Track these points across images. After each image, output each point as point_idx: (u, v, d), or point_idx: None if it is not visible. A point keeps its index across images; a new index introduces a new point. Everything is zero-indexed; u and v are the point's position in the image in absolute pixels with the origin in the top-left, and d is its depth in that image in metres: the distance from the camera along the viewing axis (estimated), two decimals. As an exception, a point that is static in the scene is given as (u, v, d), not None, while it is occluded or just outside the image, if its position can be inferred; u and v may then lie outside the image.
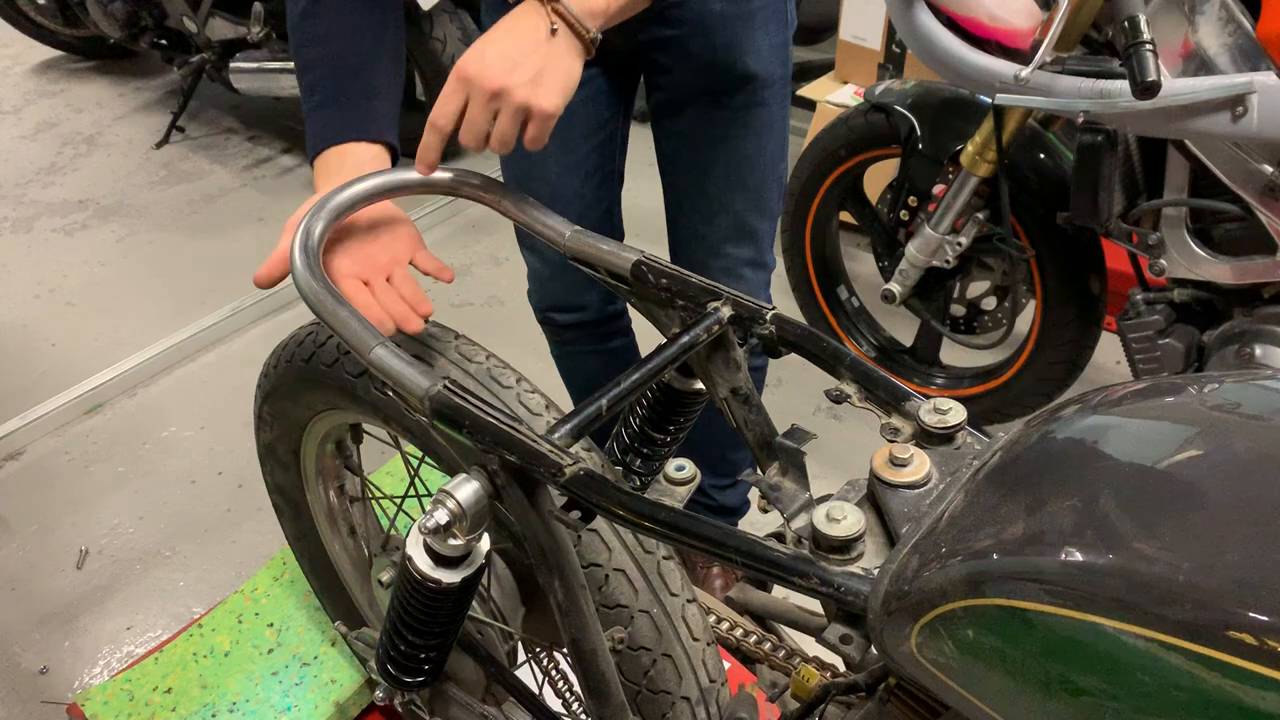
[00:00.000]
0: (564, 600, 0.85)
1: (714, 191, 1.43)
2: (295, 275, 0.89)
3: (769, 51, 1.35)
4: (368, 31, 1.07)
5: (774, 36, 1.35)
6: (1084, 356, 1.97)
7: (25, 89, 4.13)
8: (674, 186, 1.49)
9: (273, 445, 1.30)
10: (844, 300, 2.38)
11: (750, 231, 1.48)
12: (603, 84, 1.41)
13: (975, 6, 1.56)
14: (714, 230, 1.47)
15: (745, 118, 1.38)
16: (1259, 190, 1.49)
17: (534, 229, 1.00)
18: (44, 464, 2.31)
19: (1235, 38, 1.40)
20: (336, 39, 1.06)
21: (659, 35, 1.32)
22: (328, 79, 1.05)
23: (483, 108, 0.93)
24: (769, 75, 1.36)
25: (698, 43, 1.32)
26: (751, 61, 1.34)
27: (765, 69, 1.35)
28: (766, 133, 1.40)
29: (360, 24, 1.06)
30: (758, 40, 1.33)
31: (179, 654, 1.66)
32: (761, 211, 1.47)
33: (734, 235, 1.47)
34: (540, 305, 1.61)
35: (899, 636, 0.58)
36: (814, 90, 2.97)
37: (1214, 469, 0.52)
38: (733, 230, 1.47)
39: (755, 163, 1.42)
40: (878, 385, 0.78)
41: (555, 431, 0.78)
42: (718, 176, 1.42)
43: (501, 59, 0.93)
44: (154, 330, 2.64)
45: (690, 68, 1.35)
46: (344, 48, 1.06)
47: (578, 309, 1.58)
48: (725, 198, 1.44)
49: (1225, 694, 0.44)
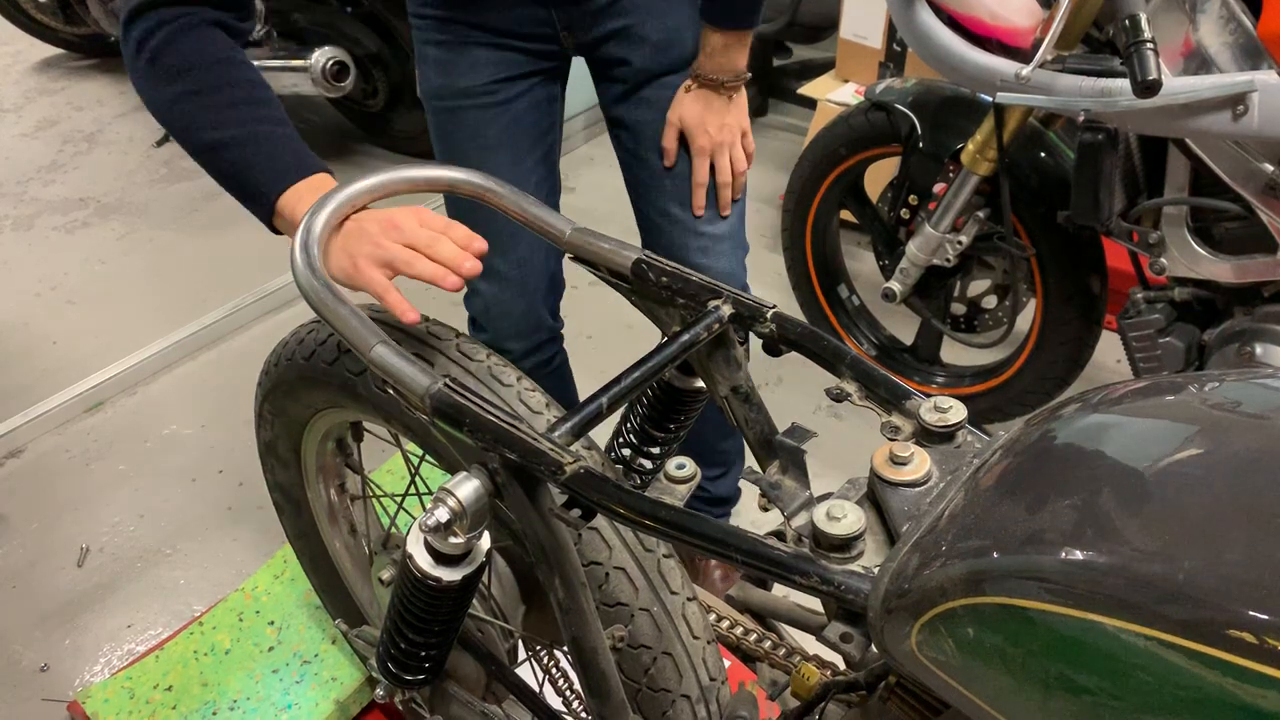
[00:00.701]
0: (564, 598, 0.85)
1: (682, 169, 1.46)
2: (295, 273, 0.89)
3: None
4: (245, 65, 1.04)
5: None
6: (1084, 355, 1.97)
7: (26, 87, 4.13)
8: (640, 174, 1.50)
9: (273, 443, 1.30)
10: (844, 299, 2.38)
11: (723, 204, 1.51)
12: (541, 92, 1.44)
13: (976, 5, 1.55)
14: (689, 210, 1.49)
15: None
16: (1260, 189, 1.49)
17: (534, 226, 0.99)
18: (45, 462, 2.31)
19: (1236, 36, 1.40)
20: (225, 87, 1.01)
21: (612, 28, 1.37)
22: (254, 120, 1.01)
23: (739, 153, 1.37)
24: None
25: (650, 26, 1.37)
26: (694, 37, 1.38)
27: None
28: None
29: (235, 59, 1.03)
30: (694, 16, 1.37)
31: (180, 652, 1.66)
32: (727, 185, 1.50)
33: (709, 211, 1.50)
34: (502, 334, 1.55)
35: (899, 635, 0.58)
36: (814, 89, 2.97)
37: (1214, 467, 0.52)
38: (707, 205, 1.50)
39: None
40: (878, 384, 0.78)
41: (556, 430, 0.78)
42: (685, 154, 1.45)
43: (735, 124, 1.38)
44: (155, 328, 2.64)
45: (646, 53, 1.39)
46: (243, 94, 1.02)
47: (534, 331, 1.56)
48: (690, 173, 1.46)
49: (1226, 692, 0.44)
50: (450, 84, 1.40)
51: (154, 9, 0.99)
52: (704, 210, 1.46)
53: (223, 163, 1.01)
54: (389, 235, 0.92)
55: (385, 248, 0.91)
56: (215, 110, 0.99)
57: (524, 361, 1.57)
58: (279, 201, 0.99)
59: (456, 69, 1.38)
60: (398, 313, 0.89)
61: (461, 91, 1.39)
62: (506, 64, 1.39)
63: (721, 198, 1.46)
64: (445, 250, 0.91)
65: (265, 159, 0.99)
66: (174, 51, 0.99)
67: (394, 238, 0.91)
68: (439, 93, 1.41)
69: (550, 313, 1.59)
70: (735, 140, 1.42)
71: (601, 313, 2.25)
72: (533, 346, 1.57)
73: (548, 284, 1.54)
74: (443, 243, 0.91)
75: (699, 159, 1.42)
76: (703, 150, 1.41)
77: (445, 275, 0.90)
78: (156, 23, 0.99)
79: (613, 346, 2.48)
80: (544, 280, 1.53)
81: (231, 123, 0.99)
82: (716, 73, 1.36)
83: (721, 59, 1.35)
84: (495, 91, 1.39)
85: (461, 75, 1.38)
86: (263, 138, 1.00)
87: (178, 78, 1.00)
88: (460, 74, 1.38)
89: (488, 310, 1.53)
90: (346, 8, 3.18)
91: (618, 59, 1.40)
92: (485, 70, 1.38)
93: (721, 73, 1.36)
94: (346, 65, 3.11)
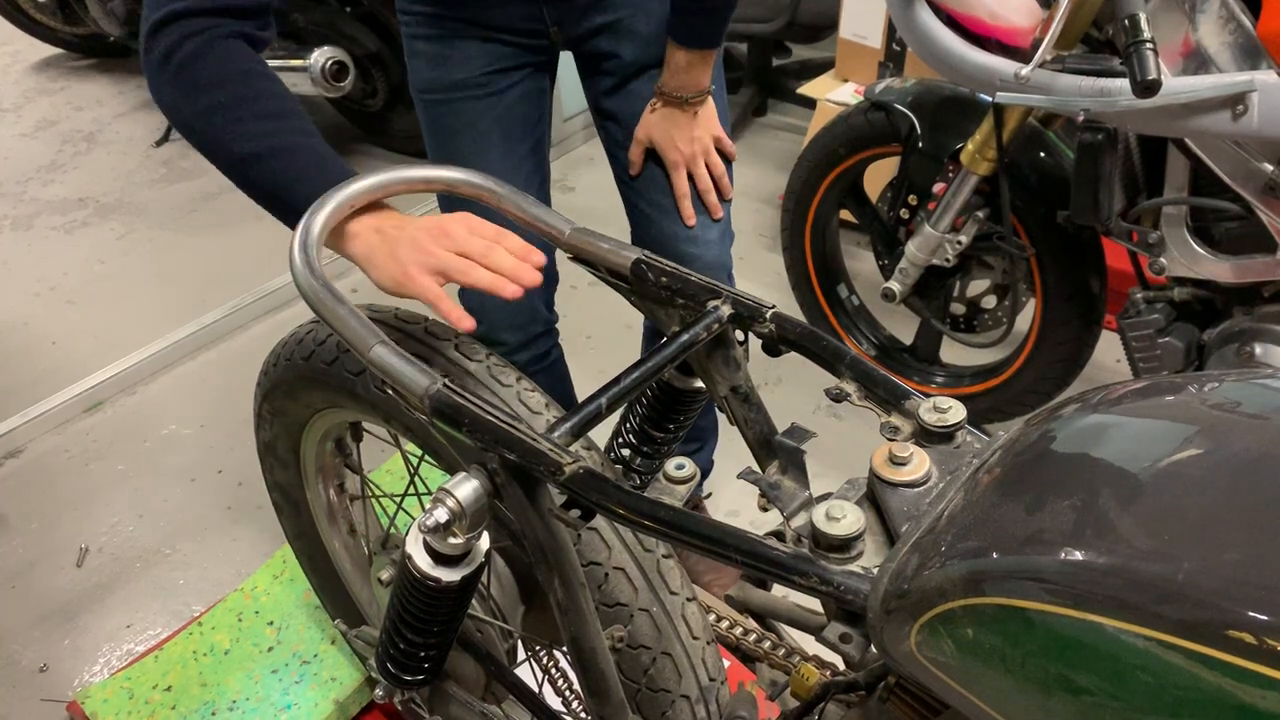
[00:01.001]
0: (564, 599, 0.85)
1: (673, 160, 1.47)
2: (294, 273, 0.89)
3: None
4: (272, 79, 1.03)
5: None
6: (1084, 355, 1.97)
7: (25, 87, 4.13)
8: (628, 165, 1.52)
9: (272, 443, 1.30)
10: (844, 298, 2.38)
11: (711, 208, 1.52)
12: (531, 84, 1.46)
13: (975, 4, 1.55)
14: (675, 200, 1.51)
15: None
16: (1259, 189, 1.49)
17: (533, 226, 0.99)
18: (44, 462, 2.31)
19: (1236, 36, 1.40)
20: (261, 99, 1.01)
21: (601, 22, 1.39)
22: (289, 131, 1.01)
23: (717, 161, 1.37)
24: None
25: (639, 20, 1.38)
26: None
27: None
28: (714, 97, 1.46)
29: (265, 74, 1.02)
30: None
31: (179, 652, 1.66)
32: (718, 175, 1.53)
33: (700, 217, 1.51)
34: (497, 326, 1.55)
35: (898, 635, 0.58)
36: (814, 88, 2.97)
37: (1214, 468, 0.52)
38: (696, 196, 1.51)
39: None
40: (877, 384, 0.78)
41: (555, 430, 0.78)
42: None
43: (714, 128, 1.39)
44: (154, 328, 2.64)
45: (636, 47, 1.41)
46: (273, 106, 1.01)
47: (528, 324, 1.57)
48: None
49: (1225, 693, 0.44)
50: (442, 77, 1.40)
51: (179, 20, 0.98)
52: (694, 219, 1.47)
53: (255, 176, 1.00)
54: (440, 243, 0.91)
55: (438, 256, 0.91)
56: (245, 123, 0.99)
57: (519, 354, 1.58)
58: None
59: (449, 62, 1.39)
60: (453, 320, 0.90)
61: (454, 84, 1.40)
62: (497, 56, 1.40)
63: (708, 203, 1.47)
64: (502, 260, 0.91)
65: (296, 172, 0.98)
66: (201, 64, 0.99)
67: (446, 246, 0.91)
68: (430, 86, 1.42)
69: (545, 306, 1.59)
70: (708, 149, 1.44)
71: (601, 313, 2.25)
72: (528, 339, 1.58)
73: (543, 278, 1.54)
74: (498, 252, 0.92)
75: (675, 172, 1.44)
76: (676, 164, 1.43)
77: (505, 284, 0.90)
78: (181, 35, 0.98)
79: (612, 347, 2.48)
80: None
81: (262, 135, 0.99)
82: (680, 90, 1.38)
83: (685, 77, 1.37)
84: (487, 84, 1.40)
85: (454, 68, 1.39)
86: (293, 150, 0.99)
87: (206, 91, 0.99)
88: (452, 67, 1.39)
89: (482, 303, 1.53)
90: (346, 7, 3.18)
91: (607, 53, 1.42)
92: (477, 62, 1.39)
93: (685, 90, 1.38)
94: (346, 65, 3.11)
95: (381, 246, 0.93)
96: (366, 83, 3.26)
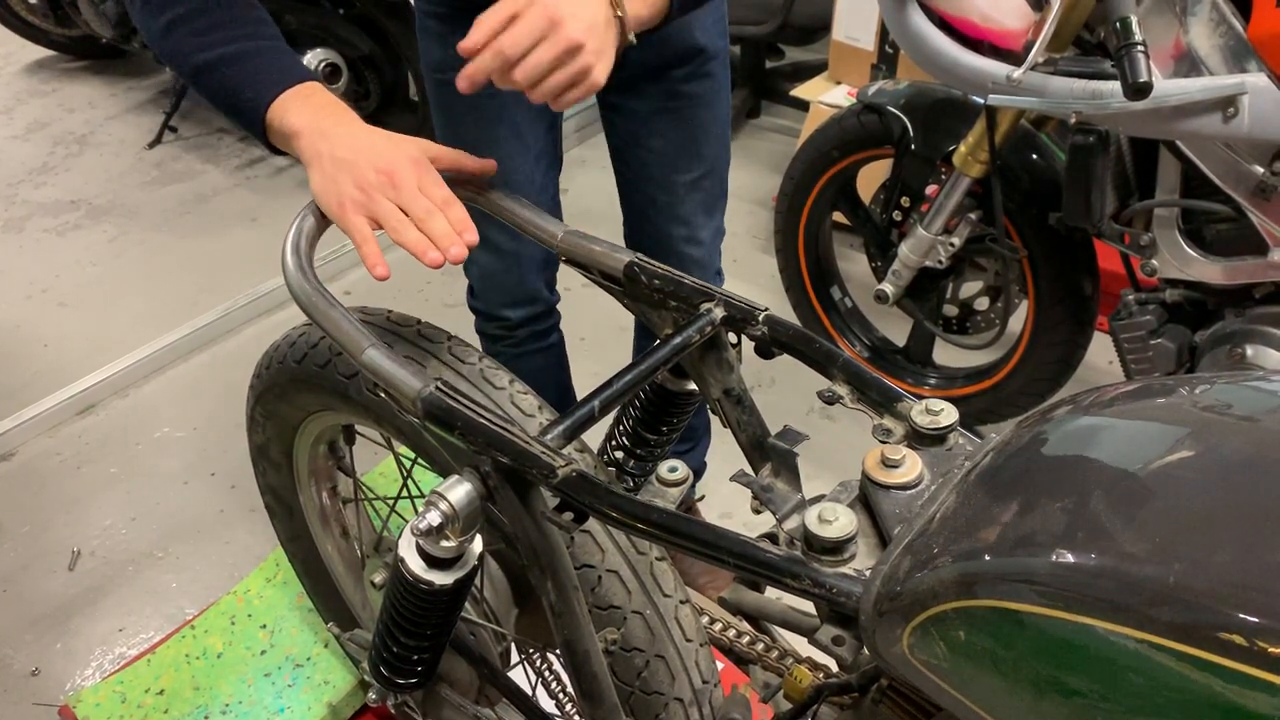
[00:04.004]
0: (557, 601, 0.85)
1: (672, 160, 1.48)
2: (287, 276, 0.89)
3: (712, 24, 1.41)
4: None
5: (715, 9, 1.40)
6: (1076, 357, 1.97)
7: (17, 89, 4.11)
8: (630, 161, 1.53)
9: (265, 446, 1.29)
10: (837, 300, 2.38)
11: (707, 196, 1.54)
12: None
13: (967, 7, 1.56)
14: (675, 198, 1.52)
15: (695, 89, 1.44)
16: (1250, 191, 1.50)
17: (526, 230, 0.99)
18: (36, 465, 2.30)
19: (1226, 39, 1.41)
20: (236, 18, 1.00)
21: None
22: (242, 38, 0.99)
23: (554, 55, 0.92)
24: (714, 48, 1.42)
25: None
26: (699, 35, 1.39)
27: (711, 42, 1.41)
28: (716, 102, 1.47)
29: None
30: (703, 14, 1.37)
31: (171, 655, 1.66)
32: (715, 176, 1.54)
33: (693, 201, 1.52)
34: (497, 302, 1.57)
35: (891, 637, 0.59)
36: (807, 90, 2.97)
37: (1205, 470, 0.52)
38: (691, 196, 1.52)
39: (709, 131, 1.48)
40: (870, 386, 0.78)
41: (548, 433, 0.78)
42: (674, 147, 1.47)
43: (589, 21, 0.94)
44: (146, 330, 2.63)
45: (645, 45, 1.37)
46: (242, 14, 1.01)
47: (529, 301, 1.58)
48: (682, 164, 1.49)
49: (1216, 695, 0.44)
50: (453, 56, 1.39)
51: None
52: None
53: (213, 84, 0.98)
54: (384, 190, 0.90)
55: (377, 202, 0.89)
56: (202, 33, 0.98)
57: (520, 330, 1.59)
58: (268, 114, 0.97)
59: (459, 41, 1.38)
60: (369, 264, 0.87)
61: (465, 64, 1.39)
62: None
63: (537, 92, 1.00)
64: (438, 226, 0.89)
65: (251, 74, 0.97)
66: None
67: (390, 197, 0.90)
68: (440, 65, 1.40)
69: (546, 286, 1.60)
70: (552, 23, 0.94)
71: (594, 315, 2.25)
72: (529, 316, 1.59)
73: (543, 256, 1.55)
74: (437, 218, 0.89)
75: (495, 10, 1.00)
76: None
77: (428, 249, 0.87)
78: None
79: (606, 349, 2.47)
80: (539, 252, 1.54)
81: (219, 43, 0.98)
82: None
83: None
84: None
85: None
86: (249, 54, 0.98)
87: (169, 6, 0.98)
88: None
89: (482, 279, 1.55)
90: (338, 10, 3.17)
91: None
92: None
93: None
94: (339, 67, 3.11)
95: (326, 163, 0.92)
96: (359, 85, 3.26)
